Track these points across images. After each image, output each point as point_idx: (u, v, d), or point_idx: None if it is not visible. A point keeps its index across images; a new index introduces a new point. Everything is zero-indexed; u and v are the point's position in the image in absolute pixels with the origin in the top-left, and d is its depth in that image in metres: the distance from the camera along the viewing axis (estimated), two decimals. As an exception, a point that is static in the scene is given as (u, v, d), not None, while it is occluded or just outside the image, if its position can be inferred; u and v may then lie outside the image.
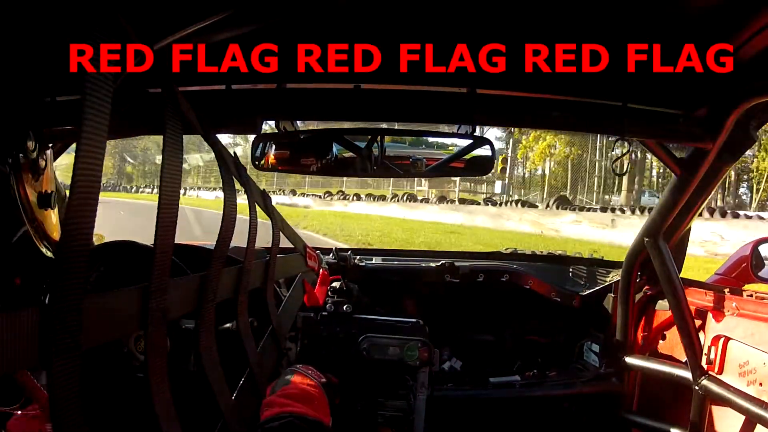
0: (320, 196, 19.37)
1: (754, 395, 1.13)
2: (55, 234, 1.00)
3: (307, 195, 20.12)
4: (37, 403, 0.58)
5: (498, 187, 16.59)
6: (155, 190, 27.32)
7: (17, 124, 0.79)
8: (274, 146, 1.23)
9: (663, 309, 1.47)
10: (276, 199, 18.10)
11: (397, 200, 16.84)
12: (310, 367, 0.90)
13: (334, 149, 1.20)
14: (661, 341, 1.49)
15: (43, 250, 0.98)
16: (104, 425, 0.86)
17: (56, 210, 1.02)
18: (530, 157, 20.77)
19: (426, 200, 16.57)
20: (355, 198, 17.98)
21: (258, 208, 0.98)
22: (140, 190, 27.93)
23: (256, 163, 1.23)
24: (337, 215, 14.72)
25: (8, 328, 0.38)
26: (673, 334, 1.42)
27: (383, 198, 17.66)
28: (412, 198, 17.00)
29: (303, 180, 20.82)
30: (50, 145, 1.09)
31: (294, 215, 13.13)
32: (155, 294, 0.56)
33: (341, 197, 18.46)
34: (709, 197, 1.35)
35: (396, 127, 1.32)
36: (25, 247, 0.90)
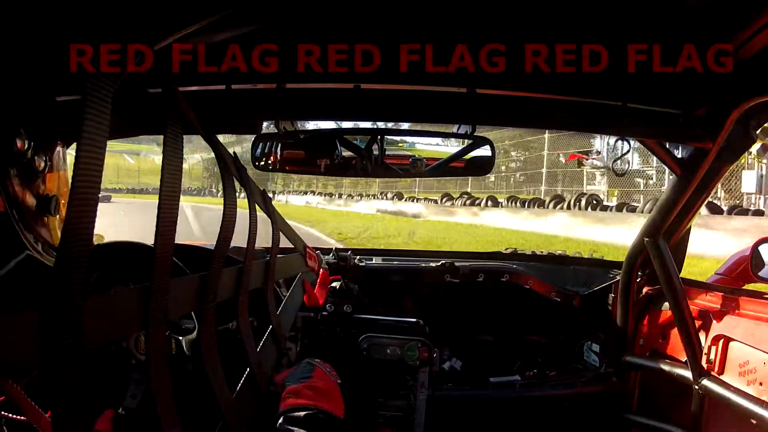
0: (436, 201, 14.77)
1: (754, 395, 1.13)
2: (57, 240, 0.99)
3: (419, 199, 15.91)
4: (26, 415, 0.57)
5: (750, 181, 8.73)
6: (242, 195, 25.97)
7: (4, 121, 0.78)
8: (273, 146, 1.23)
9: (663, 309, 1.47)
10: (377, 205, 16.07)
11: (565, 206, 9.93)
12: (329, 365, 0.91)
13: (335, 149, 1.20)
14: (661, 341, 1.49)
15: (46, 259, 0.97)
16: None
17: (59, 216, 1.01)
18: None
19: (634, 208, 8.85)
20: (489, 204, 12.32)
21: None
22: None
23: (256, 163, 1.23)
24: (470, 232, 9.53)
25: (9, 329, 0.38)
26: (673, 333, 1.42)
27: (538, 203, 10.98)
28: (593, 202, 9.56)
29: (413, 183, 17.34)
30: (56, 144, 1.08)
31: (391, 229, 10.10)
32: (156, 294, 0.56)
33: (467, 202, 13.17)
34: (710, 197, 1.35)
35: (396, 127, 1.32)
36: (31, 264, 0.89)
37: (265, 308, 1.04)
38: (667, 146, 1.23)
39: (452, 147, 1.26)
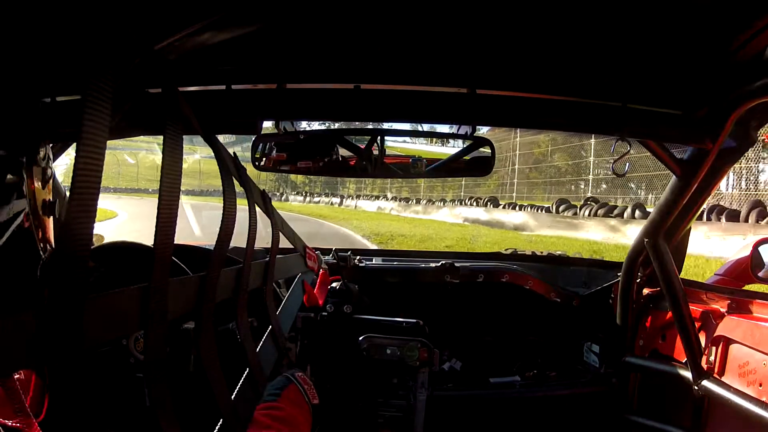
0: (548, 210, 10.63)
1: (754, 396, 1.13)
2: (52, 239, 0.98)
3: (522, 206, 11.67)
4: (18, 413, 0.57)
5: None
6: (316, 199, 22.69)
7: (32, 130, 0.78)
8: (274, 147, 1.23)
9: (663, 309, 1.47)
10: (465, 213, 13.57)
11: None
12: (309, 382, 0.88)
13: (334, 150, 1.21)
14: (661, 342, 1.49)
15: (41, 253, 0.96)
16: (104, 426, 0.86)
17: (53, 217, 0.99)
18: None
19: None
20: (637, 214, 8.44)
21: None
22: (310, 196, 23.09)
23: (256, 163, 1.23)
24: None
25: (8, 328, 0.38)
26: (673, 334, 1.42)
27: (729, 214, 7.05)
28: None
29: (501, 186, 14.19)
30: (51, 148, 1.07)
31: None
32: (155, 294, 0.56)
33: (597, 211, 9.39)
34: (710, 197, 1.35)
35: (396, 128, 1.32)
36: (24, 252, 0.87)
37: (265, 308, 1.04)
38: (667, 147, 1.24)
39: (450, 148, 1.26)
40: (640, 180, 10.65)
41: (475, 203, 14.16)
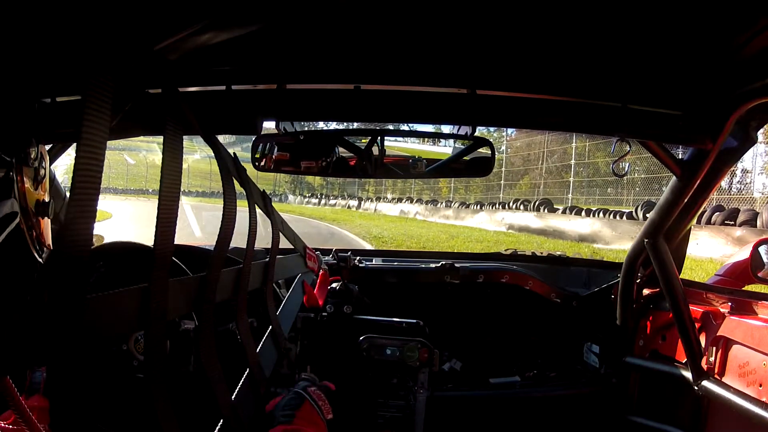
0: (630, 215, 8.56)
1: (754, 396, 1.13)
2: (49, 241, 0.98)
3: (592, 212, 9.42)
4: (16, 412, 0.57)
5: None
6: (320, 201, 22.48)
7: (21, 131, 0.79)
8: (274, 147, 1.23)
9: (663, 310, 1.47)
10: (509, 219, 10.47)
11: None
12: (323, 397, 0.87)
13: (335, 150, 1.20)
14: (661, 342, 1.49)
15: (36, 255, 0.96)
16: (103, 425, 0.86)
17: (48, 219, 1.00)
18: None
19: None
20: None
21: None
22: (323, 199, 22.49)
23: (256, 164, 1.23)
24: None
25: (8, 328, 0.38)
26: (673, 334, 1.42)
27: None
28: None
29: (532, 186, 12.68)
30: (48, 149, 1.06)
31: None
32: (155, 294, 0.56)
33: (722, 218, 6.72)
34: (710, 198, 1.35)
35: (396, 128, 1.31)
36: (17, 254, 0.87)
37: (265, 309, 1.04)
38: (667, 147, 1.24)
39: (450, 147, 1.26)
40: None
41: (522, 207, 11.60)
